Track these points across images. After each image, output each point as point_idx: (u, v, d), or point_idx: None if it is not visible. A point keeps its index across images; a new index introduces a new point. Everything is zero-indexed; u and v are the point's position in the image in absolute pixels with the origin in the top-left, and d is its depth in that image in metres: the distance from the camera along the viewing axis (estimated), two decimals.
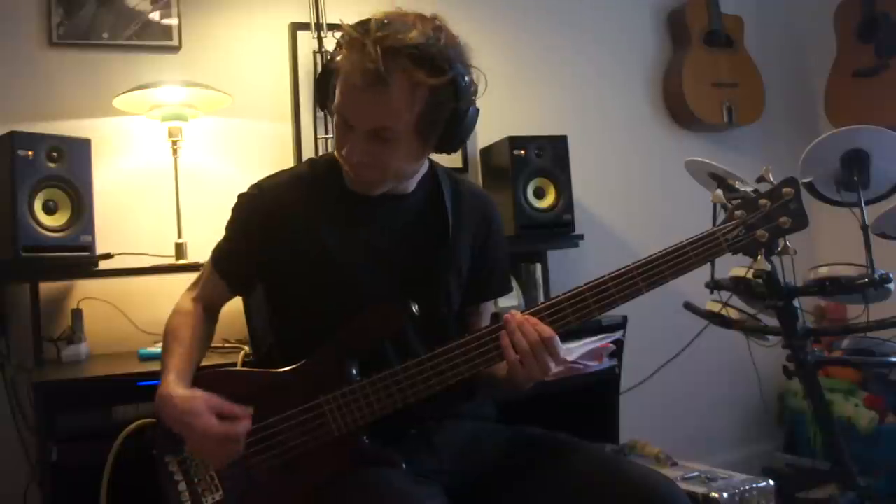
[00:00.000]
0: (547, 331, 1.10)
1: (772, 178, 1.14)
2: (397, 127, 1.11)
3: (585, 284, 1.13)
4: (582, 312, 1.12)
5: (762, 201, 1.12)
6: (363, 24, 1.09)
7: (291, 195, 1.26)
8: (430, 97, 1.11)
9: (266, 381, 1.21)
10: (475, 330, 1.15)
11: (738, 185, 1.28)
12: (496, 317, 1.33)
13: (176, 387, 1.15)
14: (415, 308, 1.15)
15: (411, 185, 1.28)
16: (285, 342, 1.33)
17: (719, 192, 1.23)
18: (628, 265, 1.12)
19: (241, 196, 1.31)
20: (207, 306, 1.33)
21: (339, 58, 1.12)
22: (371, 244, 1.25)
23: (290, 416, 1.15)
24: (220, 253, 1.32)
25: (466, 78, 1.13)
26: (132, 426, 1.44)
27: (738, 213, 1.12)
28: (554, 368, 1.11)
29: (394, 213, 1.27)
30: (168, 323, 1.29)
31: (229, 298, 1.35)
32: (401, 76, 1.08)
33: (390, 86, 1.07)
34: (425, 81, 1.09)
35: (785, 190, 1.12)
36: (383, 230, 1.26)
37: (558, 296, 1.13)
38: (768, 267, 1.13)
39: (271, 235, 1.24)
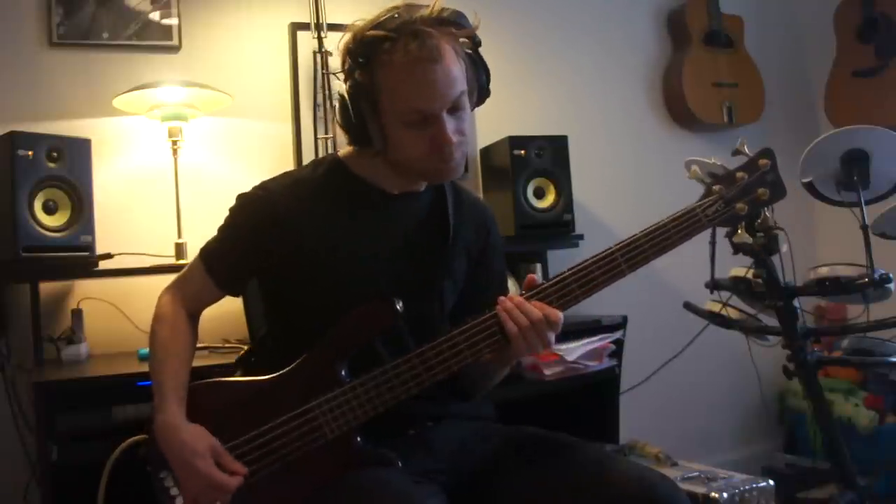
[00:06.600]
0: (553, 312, 1.10)
1: (747, 150, 1.14)
2: (464, 87, 1.16)
3: (569, 270, 1.12)
4: (566, 298, 1.11)
5: (739, 174, 1.12)
6: (390, 22, 1.13)
7: (297, 196, 1.24)
8: (464, 52, 1.17)
9: (256, 388, 1.19)
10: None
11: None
12: None
13: (182, 418, 1.15)
14: (399, 305, 1.14)
15: (423, 183, 1.28)
16: (283, 341, 1.31)
17: (696, 168, 1.23)
18: (610, 247, 1.11)
19: (242, 196, 1.27)
20: (190, 309, 1.29)
21: (383, 56, 1.13)
22: (375, 245, 1.25)
23: (281, 422, 1.14)
24: (214, 252, 1.27)
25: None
26: (125, 444, 1.41)
27: (716, 188, 1.12)
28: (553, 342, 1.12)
29: (401, 213, 1.27)
30: (156, 333, 1.25)
31: (216, 300, 1.30)
32: (448, 40, 1.14)
33: (446, 53, 1.13)
34: (462, 36, 1.16)
35: (761, 161, 1.12)
36: (389, 231, 1.26)
37: (543, 282, 1.13)
38: (749, 239, 1.13)
39: (275, 236, 1.22)
